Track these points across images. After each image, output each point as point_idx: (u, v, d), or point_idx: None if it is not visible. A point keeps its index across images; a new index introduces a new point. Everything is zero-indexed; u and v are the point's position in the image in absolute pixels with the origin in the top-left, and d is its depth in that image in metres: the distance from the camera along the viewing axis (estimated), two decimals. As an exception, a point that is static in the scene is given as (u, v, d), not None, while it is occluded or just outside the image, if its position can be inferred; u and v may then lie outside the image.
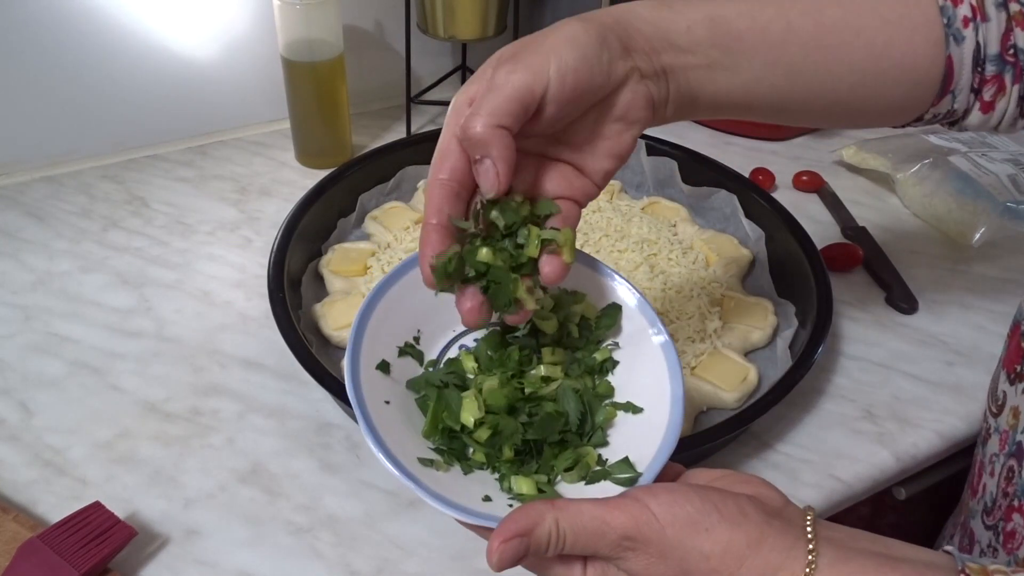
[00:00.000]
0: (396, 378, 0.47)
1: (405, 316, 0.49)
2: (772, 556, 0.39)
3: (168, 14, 0.91)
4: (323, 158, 0.95)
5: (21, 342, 0.72)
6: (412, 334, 0.49)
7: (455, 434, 0.45)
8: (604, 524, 0.39)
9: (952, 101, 0.53)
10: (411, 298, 0.48)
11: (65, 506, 0.58)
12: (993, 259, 0.87)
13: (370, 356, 0.46)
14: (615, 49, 0.45)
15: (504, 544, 0.38)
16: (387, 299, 0.48)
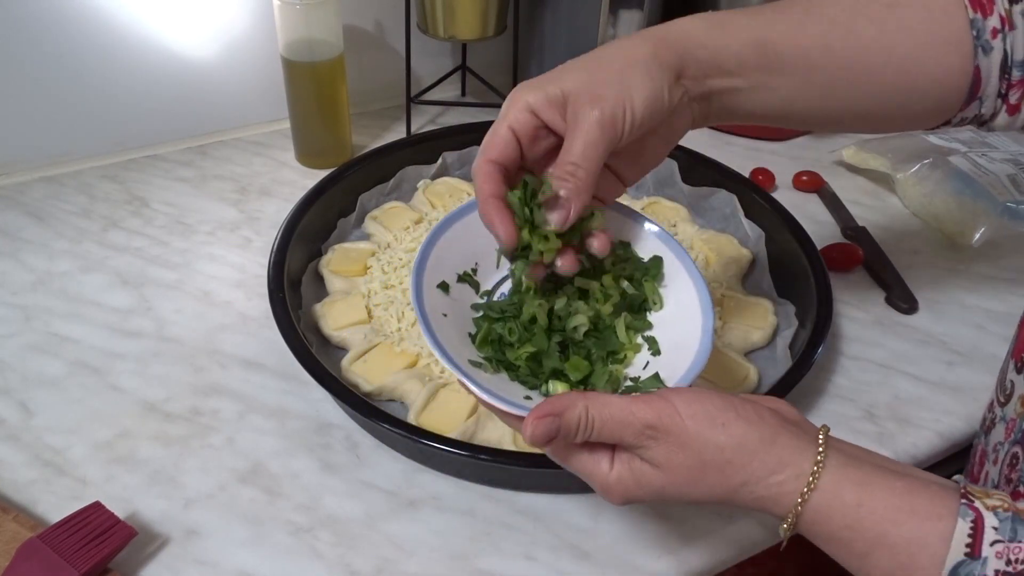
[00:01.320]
0: (454, 297, 0.53)
1: (466, 249, 0.54)
2: (783, 453, 0.42)
3: (168, 14, 0.91)
4: (323, 158, 0.95)
5: (21, 342, 0.72)
6: (471, 265, 0.55)
7: (503, 348, 0.51)
8: (630, 414, 0.43)
9: (980, 106, 0.55)
10: (473, 235, 0.53)
11: (65, 506, 0.58)
12: (993, 259, 0.87)
13: (432, 277, 0.52)
14: (674, 77, 0.50)
15: (538, 420, 0.43)
16: (452, 231, 0.54)
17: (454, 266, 0.54)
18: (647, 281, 0.54)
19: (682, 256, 0.55)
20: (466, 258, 0.54)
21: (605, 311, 0.53)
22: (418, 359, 0.69)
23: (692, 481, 0.43)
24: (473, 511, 0.60)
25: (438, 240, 0.53)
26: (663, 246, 0.55)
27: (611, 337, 0.53)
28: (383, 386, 0.66)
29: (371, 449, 0.64)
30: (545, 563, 0.57)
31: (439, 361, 0.47)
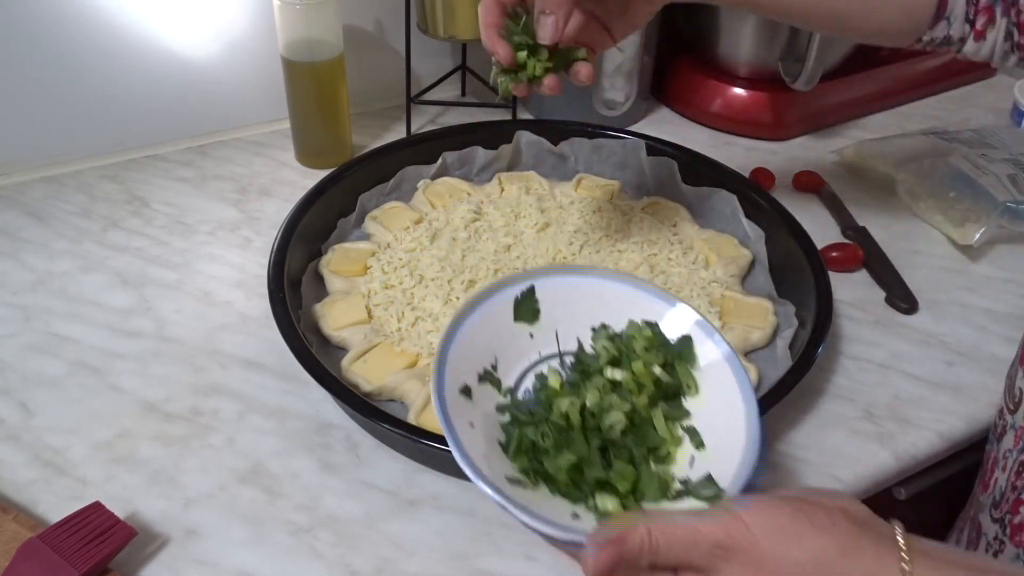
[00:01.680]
0: (477, 401, 0.49)
1: (483, 345, 0.51)
2: (866, 562, 0.39)
3: (168, 14, 0.91)
4: (323, 158, 0.95)
5: (21, 342, 0.72)
6: (490, 362, 0.51)
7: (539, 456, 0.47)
8: (696, 533, 0.39)
9: (948, 27, 0.60)
10: (488, 328, 0.51)
11: (65, 506, 0.58)
12: (993, 259, 0.87)
13: (453, 381, 0.48)
14: None
15: (600, 549, 0.39)
16: (466, 328, 0.51)
17: (473, 366, 0.51)
18: (680, 365, 0.51)
19: (712, 334, 0.52)
20: (483, 355, 0.51)
21: (640, 403, 0.49)
22: (418, 359, 0.69)
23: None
24: (473, 511, 0.60)
25: (453, 340, 0.50)
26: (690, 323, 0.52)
27: (650, 432, 0.49)
28: (383, 386, 0.66)
29: (371, 449, 0.64)
30: (545, 563, 0.57)
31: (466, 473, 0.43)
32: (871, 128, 1.09)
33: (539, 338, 0.53)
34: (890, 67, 1.12)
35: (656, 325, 0.53)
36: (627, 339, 0.52)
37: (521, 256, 0.79)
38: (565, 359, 0.53)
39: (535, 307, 0.53)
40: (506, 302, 0.53)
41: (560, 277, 0.54)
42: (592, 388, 0.49)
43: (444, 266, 0.76)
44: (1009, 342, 0.77)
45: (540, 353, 0.53)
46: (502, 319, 0.52)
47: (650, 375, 0.50)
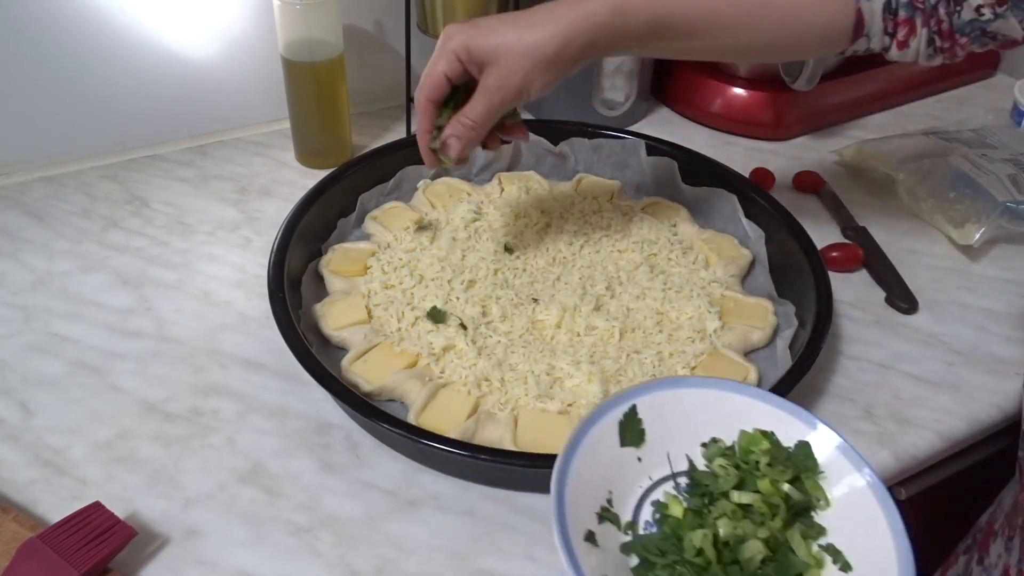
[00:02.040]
0: (603, 546, 0.47)
1: (595, 480, 0.49)
2: None
3: (168, 14, 0.91)
4: (323, 158, 0.95)
5: (21, 342, 0.72)
6: (605, 497, 0.49)
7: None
8: None
9: (868, 42, 0.63)
10: (596, 460, 0.49)
11: (65, 506, 0.58)
12: (993, 259, 0.87)
13: (576, 529, 0.46)
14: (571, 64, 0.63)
15: None
16: (575, 465, 0.48)
17: (590, 506, 0.48)
18: (807, 478, 0.49)
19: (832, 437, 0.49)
20: (597, 491, 0.49)
21: (775, 527, 0.46)
22: (418, 359, 0.69)
23: None
24: (473, 511, 0.60)
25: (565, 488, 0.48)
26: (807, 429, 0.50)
27: (790, 557, 0.46)
28: (383, 386, 0.66)
29: (371, 449, 0.64)
30: (545, 563, 0.57)
31: None
32: (871, 128, 1.09)
33: (647, 461, 0.51)
34: (890, 67, 1.12)
35: (772, 434, 0.50)
36: (743, 453, 0.50)
37: (521, 256, 0.79)
38: (679, 481, 0.51)
39: (640, 428, 0.52)
40: (609, 427, 0.51)
41: (659, 392, 0.53)
42: (721, 516, 0.47)
43: (444, 266, 0.76)
44: (1009, 342, 0.77)
45: (651, 478, 0.51)
46: (608, 447, 0.50)
47: (780, 494, 0.48)
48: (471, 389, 0.66)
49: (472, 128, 0.65)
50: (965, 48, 0.62)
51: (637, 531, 0.49)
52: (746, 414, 0.52)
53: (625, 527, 0.49)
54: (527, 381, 0.66)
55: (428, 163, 0.70)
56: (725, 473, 0.49)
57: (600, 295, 0.75)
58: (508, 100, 0.63)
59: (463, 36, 0.62)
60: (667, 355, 0.70)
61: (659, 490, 0.51)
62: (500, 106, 0.64)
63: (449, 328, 0.70)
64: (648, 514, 0.49)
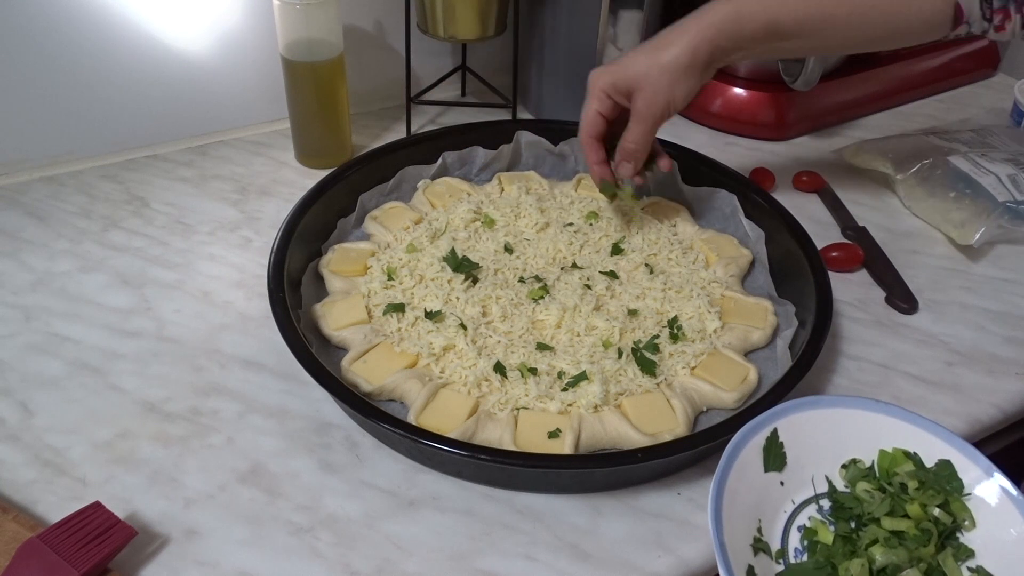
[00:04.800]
0: None
1: (744, 511, 0.49)
2: None
3: (168, 14, 0.91)
4: (323, 158, 0.95)
5: (21, 342, 0.72)
6: (756, 526, 0.50)
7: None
8: None
9: (968, 28, 0.70)
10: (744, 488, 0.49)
11: (65, 506, 0.58)
12: (993, 259, 0.87)
13: (738, 566, 0.46)
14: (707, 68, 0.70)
15: None
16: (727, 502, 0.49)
17: (744, 538, 0.49)
18: (954, 500, 0.48)
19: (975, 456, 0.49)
20: (748, 521, 0.50)
21: (927, 554, 0.46)
22: (418, 359, 0.69)
23: None
24: (473, 511, 0.60)
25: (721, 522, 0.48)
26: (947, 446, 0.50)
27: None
28: (383, 386, 0.66)
29: (371, 449, 0.64)
30: (545, 563, 0.57)
31: None
32: (871, 128, 1.09)
33: (789, 484, 0.52)
34: (890, 67, 1.12)
35: (916, 455, 0.50)
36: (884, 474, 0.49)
37: (521, 256, 0.79)
38: (821, 504, 0.51)
39: (782, 451, 0.52)
40: (753, 454, 0.51)
41: (799, 413, 0.53)
42: (872, 543, 0.47)
43: (444, 266, 0.76)
44: (1009, 342, 0.77)
45: (794, 501, 0.52)
46: (754, 474, 0.50)
47: (929, 517, 0.48)
48: (471, 389, 0.66)
49: (636, 148, 0.74)
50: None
51: (787, 559, 0.49)
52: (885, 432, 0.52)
53: (776, 555, 0.49)
54: (527, 381, 0.66)
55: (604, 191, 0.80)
56: (870, 498, 0.49)
57: (600, 295, 0.75)
58: (659, 116, 0.72)
59: (607, 76, 0.72)
60: (667, 355, 0.70)
61: (802, 514, 0.51)
62: (654, 123, 0.72)
63: (449, 328, 0.70)
64: (796, 540, 0.50)
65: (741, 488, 0.49)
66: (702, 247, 0.82)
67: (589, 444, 0.63)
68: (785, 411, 0.53)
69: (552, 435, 0.62)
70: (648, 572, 0.57)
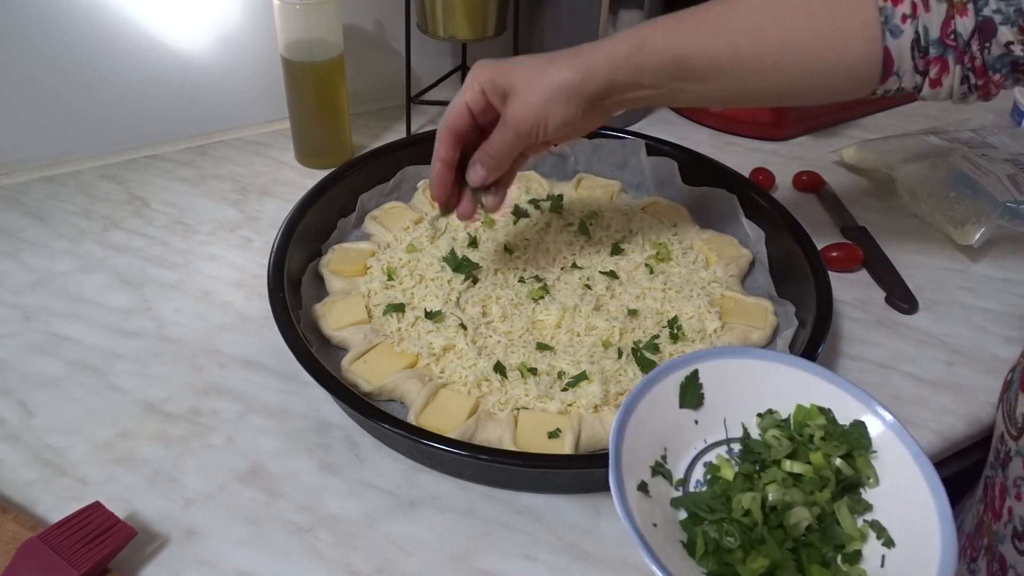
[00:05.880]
0: (654, 497, 0.49)
1: (651, 435, 0.51)
2: None
3: (168, 14, 0.91)
4: (323, 158, 0.95)
5: (21, 342, 0.72)
6: (660, 453, 0.52)
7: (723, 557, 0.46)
8: None
9: (899, 81, 0.61)
10: (654, 417, 0.51)
11: (65, 506, 0.58)
12: (993, 259, 0.87)
13: (630, 478, 0.48)
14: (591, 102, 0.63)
15: None
16: (634, 420, 0.50)
17: (645, 459, 0.51)
18: (859, 455, 0.50)
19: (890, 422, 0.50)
20: (653, 446, 0.52)
21: (822, 498, 0.48)
22: (418, 359, 0.69)
23: None
24: (473, 511, 0.60)
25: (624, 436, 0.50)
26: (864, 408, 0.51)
27: (835, 528, 0.47)
28: (383, 386, 0.66)
29: (371, 449, 0.64)
30: (545, 563, 0.57)
31: None
32: (871, 128, 1.09)
33: (704, 424, 0.53)
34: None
35: (830, 411, 0.51)
36: (798, 426, 0.51)
37: (521, 256, 0.79)
38: (732, 447, 0.52)
39: (699, 392, 0.53)
40: (671, 388, 0.53)
41: (723, 359, 0.54)
42: (771, 482, 0.48)
43: (444, 266, 0.76)
44: (1009, 342, 0.77)
45: (706, 440, 0.53)
46: (667, 406, 0.52)
47: (830, 467, 0.49)
48: (471, 389, 0.66)
49: (492, 157, 0.66)
50: (999, 85, 0.60)
51: (688, 488, 0.50)
52: (805, 389, 0.53)
53: (676, 483, 0.51)
54: (527, 381, 0.66)
55: (436, 194, 0.69)
56: (778, 443, 0.50)
57: (600, 295, 0.75)
58: (526, 131, 0.63)
59: (489, 71, 0.64)
60: (667, 355, 0.70)
61: (712, 453, 0.52)
62: (518, 137, 0.64)
63: (449, 328, 0.70)
64: (700, 474, 0.51)
65: (652, 416, 0.51)
66: (702, 247, 0.82)
67: (589, 444, 0.63)
68: (710, 355, 0.54)
69: (552, 435, 0.62)
70: (648, 572, 0.57)
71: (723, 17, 0.61)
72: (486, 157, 0.66)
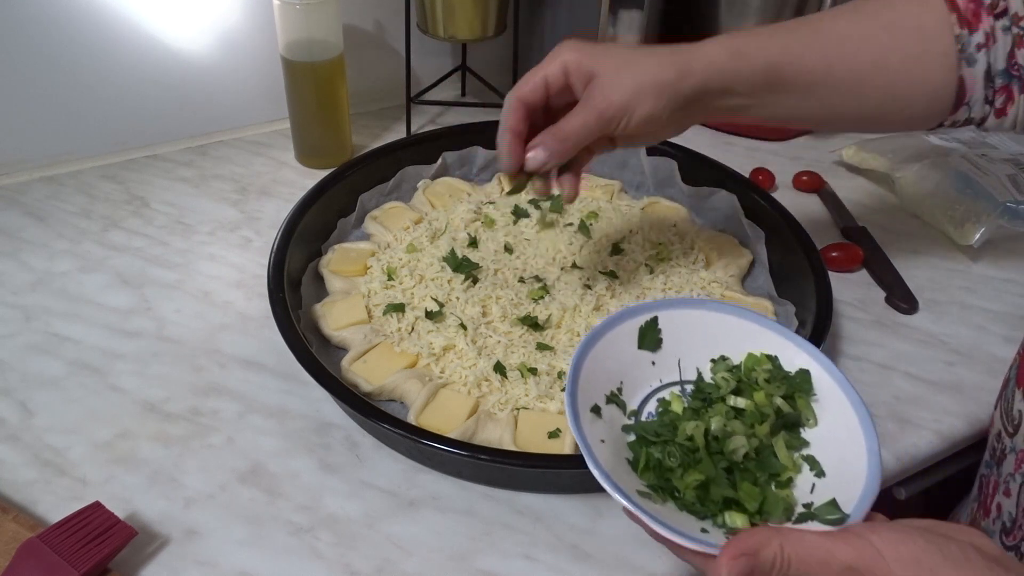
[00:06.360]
0: (606, 420, 0.52)
1: (609, 369, 0.54)
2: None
3: (168, 14, 0.91)
4: (323, 158, 0.95)
5: (21, 342, 0.72)
6: (616, 385, 0.54)
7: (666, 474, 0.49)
8: (829, 554, 0.40)
9: (968, 111, 0.62)
10: (613, 353, 0.54)
11: (65, 506, 0.58)
12: (993, 259, 0.87)
13: (584, 401, 0.51)
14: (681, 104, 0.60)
15: (732, 560, 0.40)
16: (594, 352, 0.54)
17: (601, 388, 0.54)
18: (800, 397, 0.53)
19: (832, 370, 0.54)
20: (610, 378, 0.54)
21: (761, 431, 0.51)
22: (418, 359, 0.69)
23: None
24: (473, 511, 0.60)
25: (583, 363, 0.53)
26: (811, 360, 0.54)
27: (771, 459, 0.51)
28: (383, 386, 0.66)
29: (371, 449, 0.64)
30: (545, 563, 0.57)
31: (603, 486, 0.45)
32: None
33: (661, 366, 0.56)
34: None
35: (776, 359, 0.55)
36: (747, 371, 0.54)
37: (521, 256, 0.79)
38: (685, 387, 0.55)
39: (658, 336, 0.56)
40: (631, 330, 0.55)
41: (682, 309, 0.57)
42: (715, 414, 0.51)
43: (444, 266, 0.76)
44: (1009, 342, 0.77)
45: (661, 380, 0.56)
46: (626, 346, 0.55)
47: (771, 405, 0.52)
48: (471, 389, 0.66)
49: (562, 141, 0.60)
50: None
51: (639, 419, 0.54)
52: (757, 339, 0.56)
53: (630, 414, 0.54)
54: (527, 381, 0.66)
55: (506, 166, 0.63)
56: (726, 383, 0.53)
57: (600, 295, 0.75)
58: (609, 116, 0.59)
59: (576, 52, 0.60)
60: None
61: (666, 391, 0.55)
62: (600, 121, 0.59)
63: (449, 328, 0.70)
64: (652, 407, 0.54)
65: (611, 352, 0.54)
66: (702, 247, 0.82)
67: (589, 444, 0.63)
68: (669, 304, 0.57)
69: (552, 435, 0.62)
70: (648, 572, 0.57)
71: (817, 31, 0.61)
72: (554, 141, 0.61)
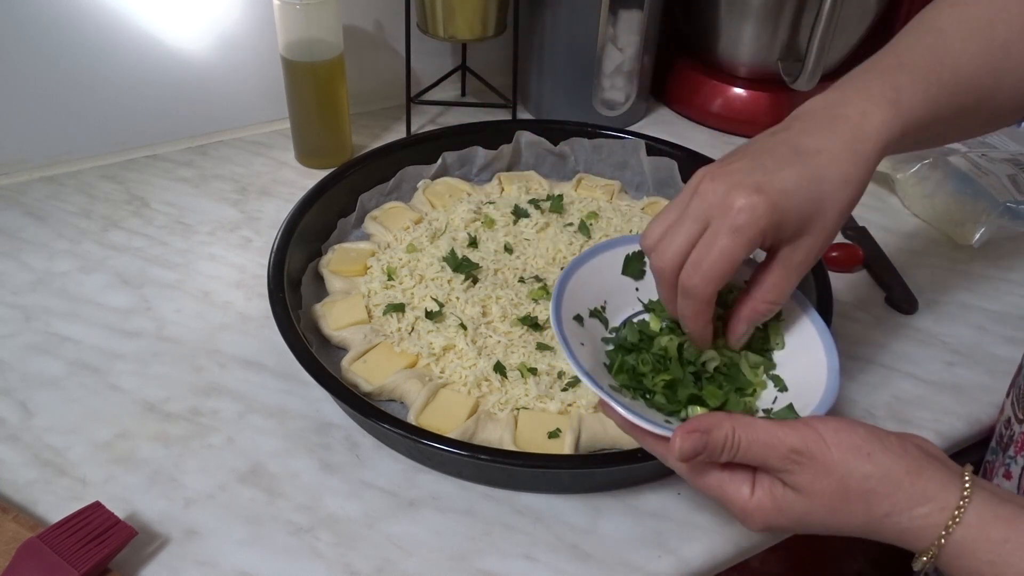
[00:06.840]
0: (587, 328, 0.57)
1: (595, 288, 0.59)
2: (928, 486, 0.43)
3: (168, 14, 0.91)
4: (323, 158, 0.95)
5: (21, 342, 0.72)
6: (600, 303, 0.59)
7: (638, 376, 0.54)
8: (775, 437, 0.44)
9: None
10: (600, 275, 0.59)
11: (65, 506, 0.58)
12: (993, 259, 0.87)
13: (568, 310, 0.56)
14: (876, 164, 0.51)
15: (686, 435, 0.44)
16: (582, 271, 0.58)
17: (586, 303, 0.58)
18: (771, 324, 0.57)
19: (801, 300, 0.57)
20: (597, 295, 0.58)
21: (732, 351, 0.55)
22: (418, 359, 0.69)
23: (835, 509, 0.43)
24: (473, 511, 0.60)
25: (571, 277, 0.57)
26: None
27: (739, 375, 0.55)
28: (383, 386, 0.66)
29: (371, 449, 0.64)
30: (545, 563, 0.57)
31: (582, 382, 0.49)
32: None
33: (643, 293, 0.60)
34: (890, 67, 1.11)
35: None
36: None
37: (521, 256, 0.79)
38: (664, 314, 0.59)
39: (642, 267, 0.60)
40: (618, 257, 0.60)
41: None
42: None
43: (444, 266, 0.76)
44: (1009, 342, 0.77)
45: (643, 305, 0.60)
46: (612, 271, 0.60)
47: None
48: (471, 389, 0.66)
49: (773, 305, 0.53)
50: None
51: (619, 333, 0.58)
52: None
53: (611, 330, 0.58)
54: (527, 381, 0.66)
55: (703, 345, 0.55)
56: None
57: (600, 295, 0.75)
58: (808, 265, 0.52)
59: (770, 212, 0.47)
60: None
61: (646, 315, 0.59)
62: (798, 277, 0.52)
63: (449, 328, 0.70)
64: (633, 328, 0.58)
65: (597, 274, 0.59)
66: (702, 247, 0.81)
67: (589, 444, 0.63)
68: None
69: (552, 435, 0.62)
70: (648, 572, 0.57)
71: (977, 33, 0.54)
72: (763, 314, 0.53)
